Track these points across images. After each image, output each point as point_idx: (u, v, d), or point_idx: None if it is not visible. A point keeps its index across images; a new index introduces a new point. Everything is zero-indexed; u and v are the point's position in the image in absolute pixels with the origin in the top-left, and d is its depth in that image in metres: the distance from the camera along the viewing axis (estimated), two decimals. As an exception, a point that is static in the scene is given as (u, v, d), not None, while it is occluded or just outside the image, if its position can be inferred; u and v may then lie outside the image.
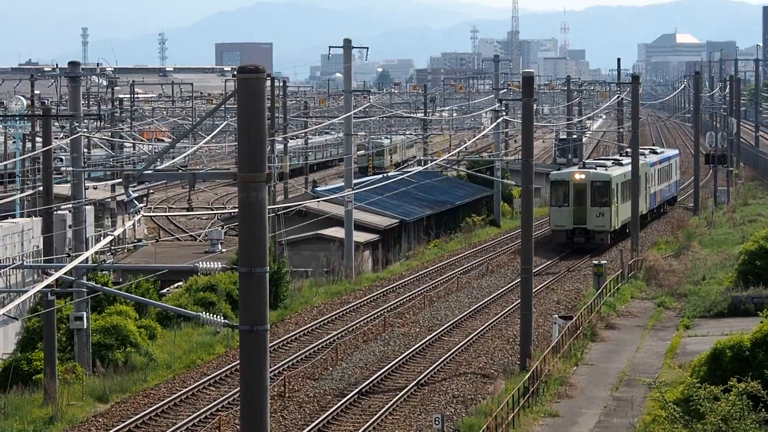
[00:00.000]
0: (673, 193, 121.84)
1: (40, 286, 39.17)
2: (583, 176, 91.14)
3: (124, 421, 46.05)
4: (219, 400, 49.13)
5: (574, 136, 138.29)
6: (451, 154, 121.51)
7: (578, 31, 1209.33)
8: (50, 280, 41.67)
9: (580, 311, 66.86)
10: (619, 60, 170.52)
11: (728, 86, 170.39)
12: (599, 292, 72.47)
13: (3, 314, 46.90)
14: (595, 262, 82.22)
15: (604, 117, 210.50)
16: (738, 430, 36.18)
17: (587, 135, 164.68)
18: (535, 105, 70.07)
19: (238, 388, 25.63)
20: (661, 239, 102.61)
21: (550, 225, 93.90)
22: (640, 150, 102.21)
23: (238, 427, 44.86)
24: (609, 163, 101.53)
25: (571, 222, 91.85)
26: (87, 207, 59.19)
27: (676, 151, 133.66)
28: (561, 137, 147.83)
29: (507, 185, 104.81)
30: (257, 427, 19.31)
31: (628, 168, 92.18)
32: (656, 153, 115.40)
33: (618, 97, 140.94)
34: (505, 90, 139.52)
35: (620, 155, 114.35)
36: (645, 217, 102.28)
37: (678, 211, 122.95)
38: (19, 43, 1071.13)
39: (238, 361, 22.75)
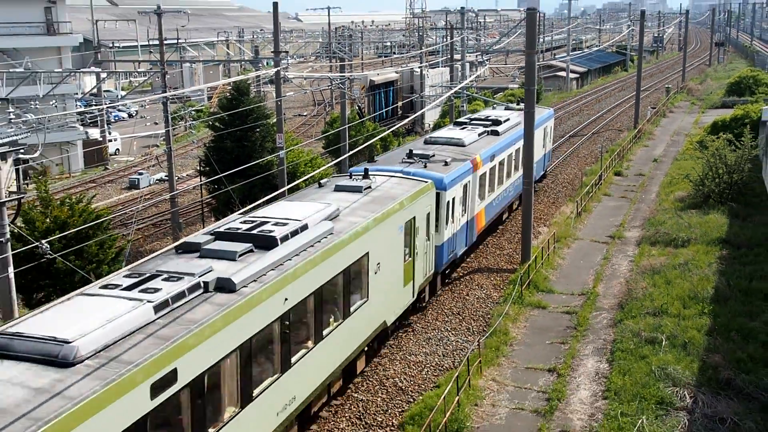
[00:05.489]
0: (539, 171, 42.50)
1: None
2: None
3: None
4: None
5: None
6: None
7: None
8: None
9: (660, 104, 75.82)
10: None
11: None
12: (668, 97, 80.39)
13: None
14: (668, 86, 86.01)
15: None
16: (722, 154, 39.37)
17: None
18: None
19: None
20: (694, 78, 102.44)
21: None
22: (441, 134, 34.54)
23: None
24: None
25: None
26: None
27: (549, 111, 46.48)
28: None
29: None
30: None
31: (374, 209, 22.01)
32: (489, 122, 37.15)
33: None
34: None
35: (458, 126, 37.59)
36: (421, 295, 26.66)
37: (701, 67, 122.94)
38: None
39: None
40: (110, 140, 62.12)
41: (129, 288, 14.54)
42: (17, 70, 44.52)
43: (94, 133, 59.98)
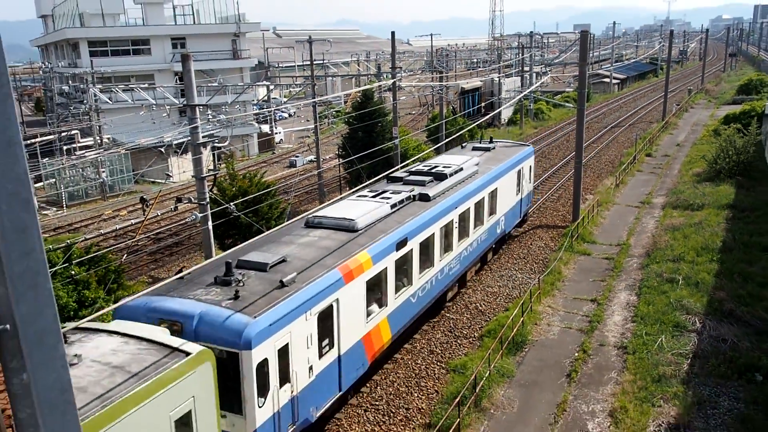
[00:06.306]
0: (511, 221, 25.67)
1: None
2: None
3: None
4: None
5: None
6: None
7: None
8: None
9: (683, 102, 71.48)
10: None
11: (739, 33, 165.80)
12: (689, 97, 76.35)
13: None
14: (689, 88, 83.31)
15: None
16: (732, 139, 37.76)
17: None
18: None
19: None
20: (711, 81, 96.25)
21: None
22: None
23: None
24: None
25: None
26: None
27: (527, 149, 26.70)
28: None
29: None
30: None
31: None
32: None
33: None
34: None
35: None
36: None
37: (717, 73, 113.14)
38: None
39: None
40: (276, 133, 63.11)
41: None
42: (213, 85, 45.95)
43: (265, 128, 61.03)
